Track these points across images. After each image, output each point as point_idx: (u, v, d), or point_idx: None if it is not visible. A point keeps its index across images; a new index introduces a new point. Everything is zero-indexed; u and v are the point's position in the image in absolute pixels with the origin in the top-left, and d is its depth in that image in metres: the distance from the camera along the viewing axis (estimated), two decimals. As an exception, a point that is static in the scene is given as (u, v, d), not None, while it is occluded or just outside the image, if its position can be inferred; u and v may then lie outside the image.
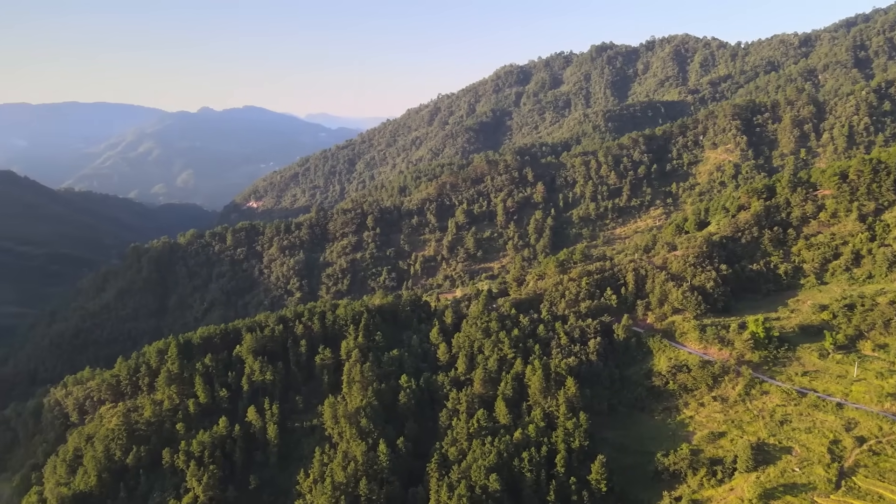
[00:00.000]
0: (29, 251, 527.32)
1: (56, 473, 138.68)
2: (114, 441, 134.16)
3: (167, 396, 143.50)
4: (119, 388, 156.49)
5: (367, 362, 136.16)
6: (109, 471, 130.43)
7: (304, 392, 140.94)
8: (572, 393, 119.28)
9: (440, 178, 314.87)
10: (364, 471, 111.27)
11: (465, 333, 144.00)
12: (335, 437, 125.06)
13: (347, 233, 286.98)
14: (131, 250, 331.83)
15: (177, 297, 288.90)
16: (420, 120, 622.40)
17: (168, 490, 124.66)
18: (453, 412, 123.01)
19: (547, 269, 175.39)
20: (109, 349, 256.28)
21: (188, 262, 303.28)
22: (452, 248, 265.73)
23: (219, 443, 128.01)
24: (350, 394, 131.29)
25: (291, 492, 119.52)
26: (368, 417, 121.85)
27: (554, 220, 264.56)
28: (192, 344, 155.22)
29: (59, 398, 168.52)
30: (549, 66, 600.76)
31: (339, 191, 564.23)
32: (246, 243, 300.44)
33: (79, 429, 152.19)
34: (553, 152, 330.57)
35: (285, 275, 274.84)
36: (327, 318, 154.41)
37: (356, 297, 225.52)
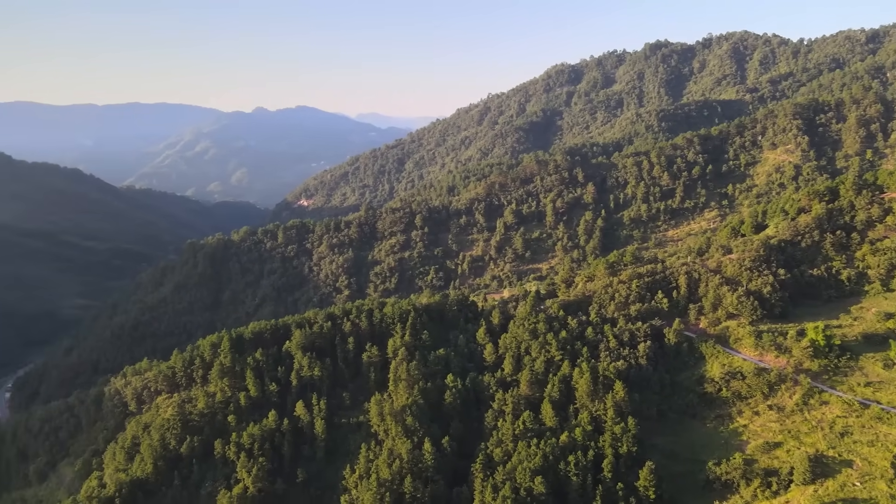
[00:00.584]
0: (94, 246, 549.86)
1: (115, 460, 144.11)
2: (169, 430, 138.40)
3: (220, 389, 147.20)
4: (174, 380, 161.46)
5: (414, 361, 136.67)
6: (164, 459, 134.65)
7: (351, 389, 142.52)
8: (621, 397, 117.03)
9: (489, 178, 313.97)
10: (409, 468, 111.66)
11: (512, 334, 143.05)
12: (381, 435, 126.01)
13: (396, 231, 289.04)
14: (187, 246, 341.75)
15: (230, 292, 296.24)
16: (470, 119, 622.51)
17: (219, 480, 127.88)
18: (499, 413, 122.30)
19: (596, 270, 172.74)
20: (166, 341, 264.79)
21: (241, 258, 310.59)
22: (500, 249, 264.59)
23: (268, 436, 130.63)
24: (396, 392, 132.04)
25: (338, 486, 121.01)
26: (414, 416, 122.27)
27: (604, 222, 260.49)
28: (243, 338, 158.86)
29: (119, 387, 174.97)
30: (601, 64, 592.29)
31: (389, 190, 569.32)
32: (296, 241, 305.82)
33: (136, 417, 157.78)
34: (604, 152, 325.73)
35: (334, 272, 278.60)
36: (375, 316, 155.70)
37: (403, 295, 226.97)
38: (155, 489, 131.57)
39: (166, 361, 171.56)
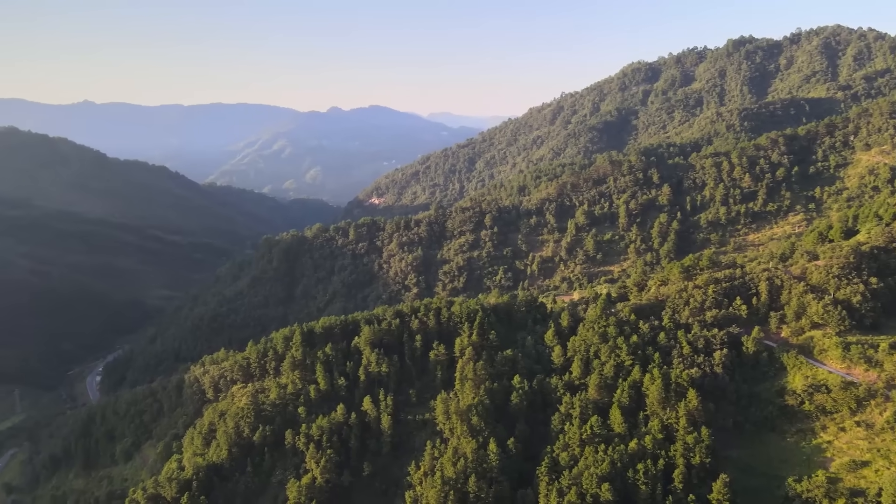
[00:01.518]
0: (177, 240, 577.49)
1: (193, 444, 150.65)
2: (243, 419, 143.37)
3: (291, 381, 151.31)
4: (249, 370, 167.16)
5: (481, 361, 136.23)
6: (238, 446, 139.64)
7: (418, 386, 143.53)
8: (694, 406, 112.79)
9: (561, 178, 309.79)
10: (474, 468, 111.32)
11: (581, 337, 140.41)
12: (446, 433, 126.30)
13: (465, 231, 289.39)
14: (263, 242, 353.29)
15: (302, 287, 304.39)
16: (542, 119, 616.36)
17: (289, 469, 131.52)
18: (566, 416, 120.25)
19: (671, 274, 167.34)
20: (242, 333, 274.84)
21: (314, 254, 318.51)
22: (571, 250, 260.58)
23: (336, 429, 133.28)
24: (462, 391, 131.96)
25: (402, 482, 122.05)
26: (480, 416, 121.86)
27: (680, 224, 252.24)
28: (314, 333, 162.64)
29: (198, 375, 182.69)
30: (680, 62, 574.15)
31: (459, 189, 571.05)
32: (367, 238, 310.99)
33: (213, 405, 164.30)
34: (681, 153, 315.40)
35: (403, 270, 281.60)
36: (443, 314, 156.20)
37: (472, 295, 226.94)
38: (229, 474, 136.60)
39: (242, 352, 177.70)
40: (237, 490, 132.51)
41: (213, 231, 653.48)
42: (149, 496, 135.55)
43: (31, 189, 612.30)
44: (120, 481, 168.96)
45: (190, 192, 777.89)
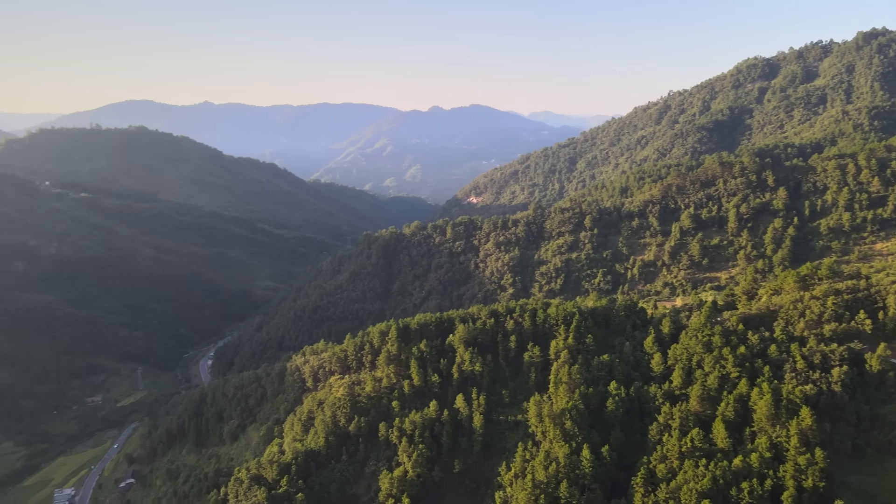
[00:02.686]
0: (283, 234, 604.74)
1: (293, 430, 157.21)
2: (339, 409, 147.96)
3: (386, 375, 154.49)
4: (346, 362, 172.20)
5: (576, 364, 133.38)
6: (335, 435, 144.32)
7: (511, 387, 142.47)
8: (807, 425, 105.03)
9: (666, 180, 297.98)
10: (565, 473, 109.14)
11: (683, 345, 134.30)
12: (538, 436, 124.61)
13: (564, 232, 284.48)
14: (363, 238, 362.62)
15: (399, 283, 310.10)
16: (647, 118, 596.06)
17: (382, 461, 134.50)
18: (664, 427, 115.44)
19: (784, 283, 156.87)
20: (340, 325, 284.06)
21: (411, 251, 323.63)
22: (675, 254, 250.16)
23: (428, 424, 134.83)
24: (556, 394, 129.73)
25: (493, 482, 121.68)
26: (573, 420, 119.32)
27: (796, 230, 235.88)
28: (410, 329, 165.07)
29: (299, 365, 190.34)
30: (801, 57, 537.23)
31: (558, 189, 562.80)
32: (464, 237, 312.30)
33: (312, 394, 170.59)
34: (800, 154, 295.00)
35: (500, 270, 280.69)
36: (538, 316, 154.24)
37: (569, 297, 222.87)
38: (325, 461, 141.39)
39: (340, 344, 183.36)
40: (332, 476, 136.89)
41: (317, 226, 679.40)
42: (252, 476, 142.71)
43: (157, 183, 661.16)
44: (227, 460, 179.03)
45: (296, 189, 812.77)
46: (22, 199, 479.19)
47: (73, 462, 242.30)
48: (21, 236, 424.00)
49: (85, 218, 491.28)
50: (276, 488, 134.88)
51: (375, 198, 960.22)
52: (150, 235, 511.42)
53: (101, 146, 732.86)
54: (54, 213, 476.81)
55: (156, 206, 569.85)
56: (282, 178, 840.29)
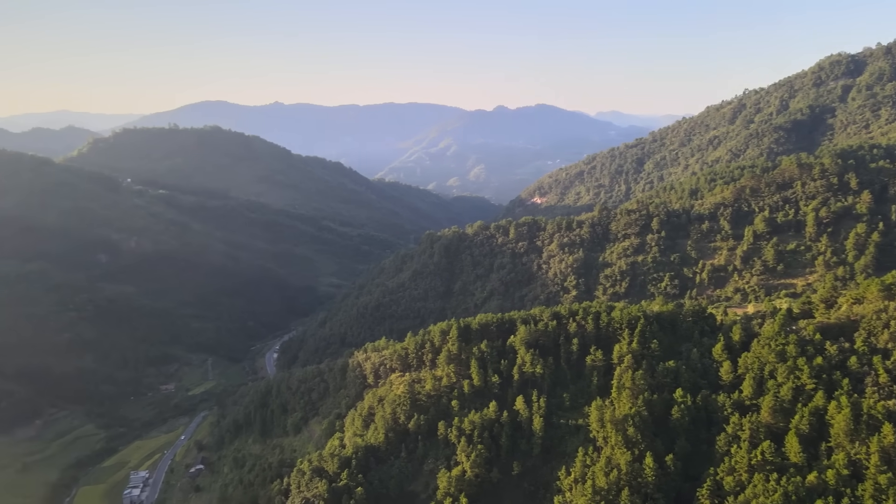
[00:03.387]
0: (348, 232, 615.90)
1: (354, 425, 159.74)
2: (399, 406, 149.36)
3: (446, 374, 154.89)
4: (407, 360, 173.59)
5: (640, 370, 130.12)
6: (394, 431, 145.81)
7: (572, 390, 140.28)
8: (890, 442, 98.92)
9: (739, 182, 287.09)
10: (627, 481, 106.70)
11: (754, 354, 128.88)
12: (599, 441, 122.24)
13: (630, 234, 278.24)
14: (426, 237, 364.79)
15: (461, 283, 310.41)
16: (720, 118, 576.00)
17: (440, 459, 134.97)
18: (733, 438, 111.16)
19: (867, 292, 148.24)
20: (402, 323, 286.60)
21: (473, 251, 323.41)
22: (747, 259, 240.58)
23: (487, 425, 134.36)
24: (619, 400, 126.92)
25: (552, 486, 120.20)
26: (636, 427, 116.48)
27: (882, 236, 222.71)
28: (471, 329, 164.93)
29: (361, 361, 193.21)
30: (890, 53, 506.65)
31: (625, 191, 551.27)
32: (527, 237, 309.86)
33: (373, 390, 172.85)
34: (887, 156, 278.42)
35: (563, 271, 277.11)
36: (602, 319, 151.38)
37: (634, 301, 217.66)
38: (385, 457, 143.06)
39: (401, 342, 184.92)
40: (391, 472, 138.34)
41: (380, 224, 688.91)
42: (314, 468, 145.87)
43: (229, 181, 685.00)
44: (290, 451, 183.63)
45: (361, 188, 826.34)
46: (106, 196, 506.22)
47: (148, 446, 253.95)
48: (104, 230, 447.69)
49: (162, 213, 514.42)
50: (337, 481, 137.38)
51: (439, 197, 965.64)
52: (222, 231, 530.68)
53: (178, 145, 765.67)
54: (134, 208, 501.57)
55: (227, 203, 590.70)
56: (347, 176, 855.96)
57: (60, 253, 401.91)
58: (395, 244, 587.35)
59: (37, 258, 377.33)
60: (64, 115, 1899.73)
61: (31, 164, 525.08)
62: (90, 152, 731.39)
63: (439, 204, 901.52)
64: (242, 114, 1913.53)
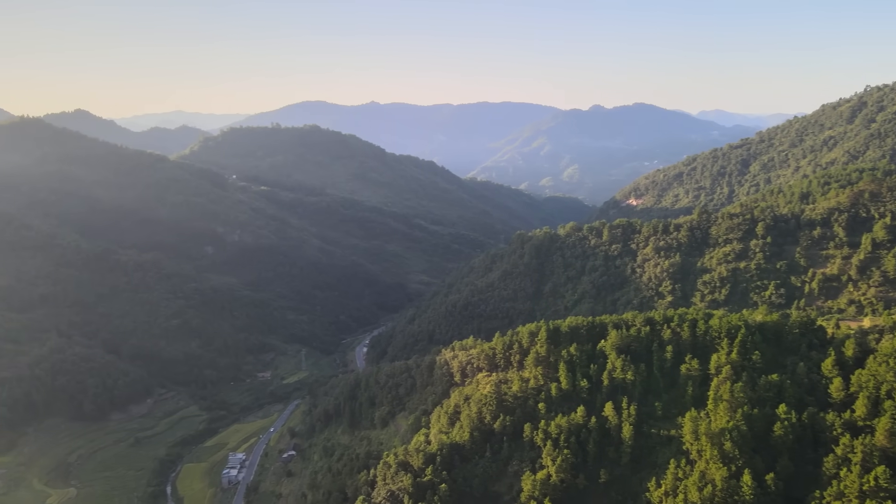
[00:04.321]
0: (438, 230, 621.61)
1: (439, 422, 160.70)
2: (485, 406, 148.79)
3: (533, 376, 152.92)
4: (494, 360, 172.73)
5: (740, 382, 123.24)
6: (480, 430, 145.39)
7: (665, 399, 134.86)
8: None
9: (857, 185, 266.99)
10: (723, 498, 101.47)
11: (870, 371, 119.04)
12: (693, 454, 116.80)
13: (732, 239, 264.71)
14: (516, 237, 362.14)
15: (551, 284, 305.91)
16: (837, 117, 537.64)
17: (525, 462, 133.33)
18: (843, 460, 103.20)
19: None
20: (490, 323, 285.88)
21: (565, 253, 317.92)
22: (864, 269, 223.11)
23: (574, 430, 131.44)
24: (715, 412, 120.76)
25: (640, 497, 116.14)
26: (734, 442, 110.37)
27: None
28: (560, 331, 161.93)
29: (448, 359, 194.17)
30: None
31: (728, 193, 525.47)
32: (621, 240, 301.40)
33: (460, 388, 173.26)
34: None
35: (658, 276, 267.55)
36: (699, 327, 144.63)
37: (734, 309, 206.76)
38: (469, 456, 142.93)
39: (489, 342, 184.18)
40: (476, 472, 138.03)
41: (471, 223, 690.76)
42: (399, 462, 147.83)
43: (325, 178, 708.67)
44: (376, 444, 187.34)
45: (452, 186, 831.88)
46: (214, 191, 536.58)
47: (245, 430, 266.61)
48: (211, 224, 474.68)
49: (263, 209, 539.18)
50: (422, 476, 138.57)
51: (531, 197, 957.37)
52: (318, 227, 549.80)
53: (279, 143, 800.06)
54: (238, 203, 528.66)
55: (323, 200, 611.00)
56: (439, 175, 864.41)
57: (172, 244, 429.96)
58: (486, 243, 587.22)
59: (152, 248, 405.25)
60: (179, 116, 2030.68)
61: (148, 161, 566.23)
62: (200, 150, 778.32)
63: (531, 204, 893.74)
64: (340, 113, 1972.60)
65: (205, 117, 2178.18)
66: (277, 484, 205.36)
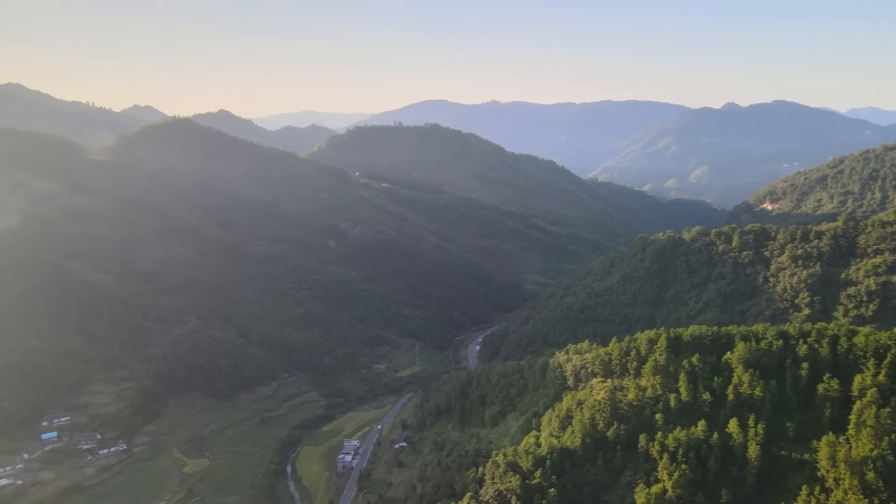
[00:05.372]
0: (556, 231, 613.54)
1: (550, 425, 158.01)
2: (599, 412, 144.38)
3: (651, 385, 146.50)
4: (609, 366, 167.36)
5: (888, 407, 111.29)
6: (592, 437, 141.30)
7: (797, 420, 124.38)
8: None
9: None
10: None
11: None
12: (829, 482, 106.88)
13: (884, 249, 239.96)
14: (638, 240, 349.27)
15: (673, 290, 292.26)
16: None
17: (639, 473, 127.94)
18: None
19: None
20: (606, 328, 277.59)
21: (689, 258, 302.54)
22: None
23: (694, 444, 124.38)
24: (857, 438, 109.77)
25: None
26: (878, 472, 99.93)
27: None
28: (681, 340, 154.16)
29: (561, 362, 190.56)
30: None
31: (880, 199, 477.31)
32: (753, 247, 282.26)
33: (572, 393, 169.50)
34: None
35: (794, 287, 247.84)
36: (840, 344, 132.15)
37: (884, 326, 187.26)
38: (580, 462, 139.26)
39: (604, 347, 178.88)
40: (586, 479, 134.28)
41: (590, 224, 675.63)
42: (508, 462, 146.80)
43: (444, 176, 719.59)
44: (486, 442, 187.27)
45: (572, 186, 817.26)
46: (338, 187, 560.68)
47: (360, 418, 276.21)
48: (334, 218, 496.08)
49: (383, 205, 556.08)
50: (530, 479, 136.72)
51: (654, 199, 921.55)
52: (435, 224, 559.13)
53: (400, 142, 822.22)
54: (360, 200, 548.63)
55: (441, 198, 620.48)
56: (559, 175, 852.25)
57: (298, 237, 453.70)
58: (605, 246, 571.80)
59: (281, 241, 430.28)
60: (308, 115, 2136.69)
61: (281, 158, 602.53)
62: (327, 148, 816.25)
63: (654, 206, 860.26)
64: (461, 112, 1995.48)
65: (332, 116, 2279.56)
66: (389, 473, 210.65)
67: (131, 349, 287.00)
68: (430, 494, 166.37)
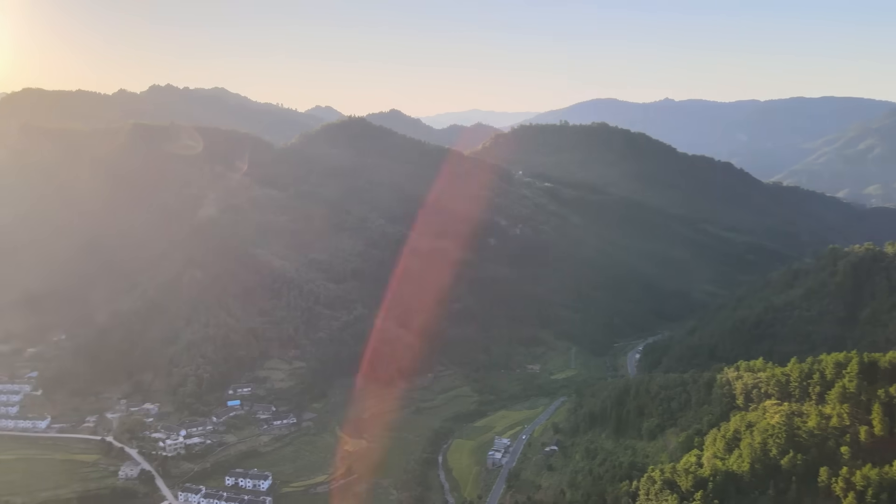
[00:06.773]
0: (731, 238, 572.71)
1: (714, 445, 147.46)
2: (772, 437, 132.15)
3: (836, 413, 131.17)
4: (787, 388, 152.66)
5: None
6: (763, 464, 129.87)
7: None
8: None
9: None
10: None
11: None
12: None
13: None
14: (828, 252, 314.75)
15: (870, 310, 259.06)
16: None
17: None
18: None
19: None
20: (784, 346, 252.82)
21: (892, 274, 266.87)
22: None
23: (888, 485, 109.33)
24: None
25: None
26: None
27: None
28: (878, 366, 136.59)
29: (730, 379, 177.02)
30: None
31: None
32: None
33: (742, 413, 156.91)
34: None
35: None
36: None
37: None
38: (748, 489, 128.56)
39: (782, 367, 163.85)
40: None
41: (771, 232, 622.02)
42: (665, 479, 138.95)
43: (608, 177, 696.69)
44: (642, 455, 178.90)
45: (751, 191, 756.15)
46: (500, 185, 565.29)
47: (511, 417, 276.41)
48: (496, 216, 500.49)
49: (545, 205, 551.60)
50: (689, 500, 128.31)
51: (851, 207, 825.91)
52: (597, 226, 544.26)
53: (565, 141, 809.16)
54: (522, 198, 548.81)
55: (605, 199, 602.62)
56: (736, 177, 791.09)
57: (460, 233, 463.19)
58: (788, 256, 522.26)
59: (444, 236, 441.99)
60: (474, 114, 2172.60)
61: (445, 156, 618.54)
62: (492, 146, 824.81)
63: (850, 215, 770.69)
64: (631, 111, 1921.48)
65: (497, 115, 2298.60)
66: (538, 475, 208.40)
67: (303, 331, 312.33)
68: (580, 502, 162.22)
